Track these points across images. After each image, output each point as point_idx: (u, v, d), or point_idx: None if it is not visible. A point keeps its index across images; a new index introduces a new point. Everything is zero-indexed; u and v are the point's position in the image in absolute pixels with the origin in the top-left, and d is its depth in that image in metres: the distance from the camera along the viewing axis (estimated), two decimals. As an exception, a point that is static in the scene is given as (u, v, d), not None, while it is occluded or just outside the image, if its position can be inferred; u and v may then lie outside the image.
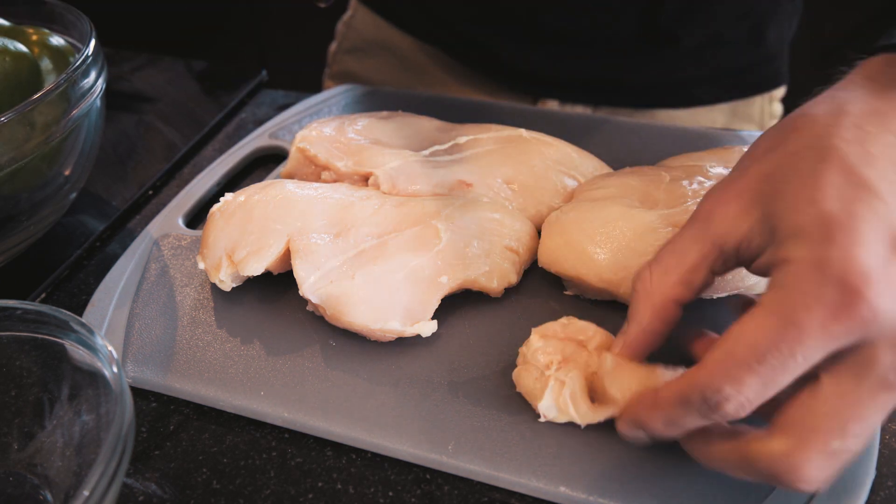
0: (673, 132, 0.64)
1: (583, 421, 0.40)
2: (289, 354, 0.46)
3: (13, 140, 0.46)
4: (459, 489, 0.40)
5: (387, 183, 0.53)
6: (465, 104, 0.70)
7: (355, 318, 0.44)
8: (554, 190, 0.54)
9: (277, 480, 0.40)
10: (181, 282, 0.51)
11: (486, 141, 0.57)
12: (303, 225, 0.48)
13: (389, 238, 0.47)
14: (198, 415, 0.44)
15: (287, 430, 0.43)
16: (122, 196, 0.64)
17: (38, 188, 0.51)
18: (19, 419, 0.40)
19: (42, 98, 0.46)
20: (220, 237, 0.49)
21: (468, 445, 0.40)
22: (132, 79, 0.81)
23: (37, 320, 0.39)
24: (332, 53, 0.89)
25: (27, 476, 0.39)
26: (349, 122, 0.60)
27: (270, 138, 0.66)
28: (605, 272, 0.46)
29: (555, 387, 0.40)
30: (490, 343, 0.46)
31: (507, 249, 0.49)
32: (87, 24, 0.55)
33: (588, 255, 0.46)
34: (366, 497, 0.39)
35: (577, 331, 0.42)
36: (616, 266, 0.45)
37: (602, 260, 0.46)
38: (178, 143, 0.70)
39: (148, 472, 0.41)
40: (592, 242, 0.46)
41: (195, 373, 0.45)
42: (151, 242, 0.55)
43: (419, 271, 0.46)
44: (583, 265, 0.46)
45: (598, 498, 0.37)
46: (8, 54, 0.51)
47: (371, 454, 0.42)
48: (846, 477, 0.37)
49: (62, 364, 0.39)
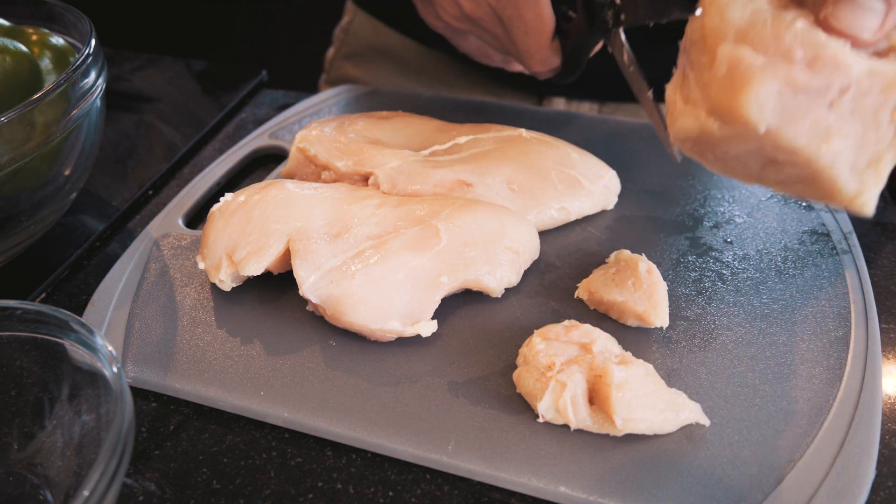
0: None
1: (581, 426, 0.40)
2: (289, 354, 0.46)
3: (13, 140, 0.46)
4: (459, 489, 0.40)
5: (387, 183, 0.53)
6: (465, 104, 0.70)
7: (355, 318, 0.44)
8: (554, 190, 0.54)
9: (277, 480, 0.40)
10: (181, 282, 0.51)
11: (486, 141, 0.57)
12: (303, 225, 0.48)
13: (389, 238, 0.47)
14: (198, 415, 0.44)
15: (287, 430, 0.43)
16: (122, 196, 0.64)
17: (38, 188, 0.51)
18: (19, 419, 0.40)
19: (42, 98, 0.46)
20: (220, 237, 0.49)
21: (468, 445, 0.40)
22: (132, 79, 0.81)
23: (37, 320, 0.39)
24: (329, 59, 0.89)
25: (27, 476, 0.38)
26: (349, 122, 0.60)
27: (270, 138, 0.66)
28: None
29: (555, 388, 0.40)
30: (490, 343, 0.46)
31: (507, 249, 0.49)
32: (87, 24, 0.55)
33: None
34: (366, 497, 0.39)
35: (579, 334, 0.42)
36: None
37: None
38: (178, 143, 0.70)
39: (148, 472, 0.41)
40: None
41: (195, 373, 0.45)
42: (151, 242, 0.55)
43: (419, 271, 0.46)
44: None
45: (598, 498, 0.37)
46: (8, 54, 0.51)
47: (371, 454, 0.42)
48: (846, 477, 0.37)
49: (62, 364, 0.39)
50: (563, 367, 0.40)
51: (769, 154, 0.34)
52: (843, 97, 0.33)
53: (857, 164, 0.34)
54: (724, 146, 0.35)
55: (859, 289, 0.48)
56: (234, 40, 2.03)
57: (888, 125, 0.33)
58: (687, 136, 0.37)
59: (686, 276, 0.51)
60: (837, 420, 0.40)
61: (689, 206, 0.57)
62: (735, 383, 0.43)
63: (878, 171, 0.34)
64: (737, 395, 0.42)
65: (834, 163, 0.33)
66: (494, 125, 0.60)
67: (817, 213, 0.55)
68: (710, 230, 0.54)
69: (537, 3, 0.51)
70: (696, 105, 0.35)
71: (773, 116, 0.32)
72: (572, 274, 0.51)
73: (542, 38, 0.52)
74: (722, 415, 0.41)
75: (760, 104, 0.32)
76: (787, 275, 0.50)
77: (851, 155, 0.33)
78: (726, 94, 0.33)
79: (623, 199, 0.57)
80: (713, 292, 0.49)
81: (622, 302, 0.46)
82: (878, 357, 0.44)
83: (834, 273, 0.50)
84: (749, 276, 0.50)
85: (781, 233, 0.54)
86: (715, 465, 0.39)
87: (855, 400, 0.41)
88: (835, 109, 0.33)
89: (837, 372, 0.43)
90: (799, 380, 0.43)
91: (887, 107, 0.33)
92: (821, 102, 0.33)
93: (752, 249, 0.52)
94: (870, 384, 0.42)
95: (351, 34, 0.86)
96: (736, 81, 0.33)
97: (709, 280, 0.50)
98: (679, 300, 0.48)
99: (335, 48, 0.88)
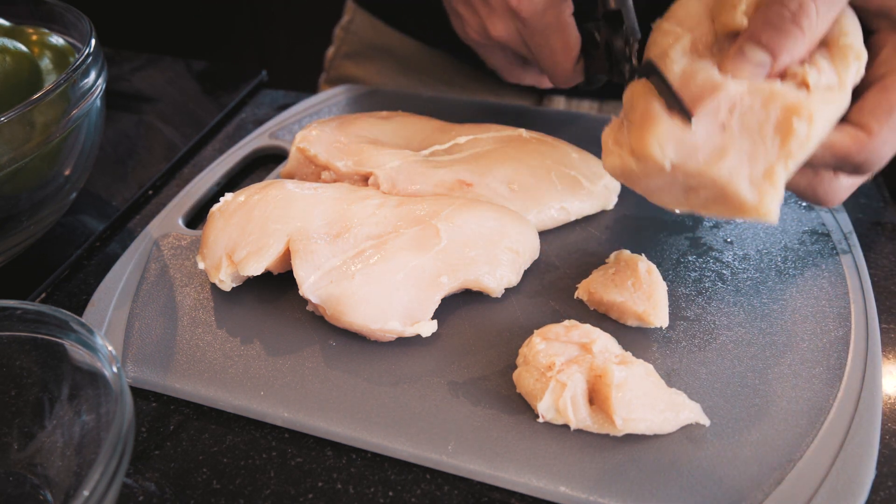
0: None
1: (581, 426, 0.40)
2: (289, 354, 0.46)
3: (13, 140, 0.46)
4: (459, 489, 0.40)
5: (387, 183, 0.53)
6: (466, 104, 0.70)
7: (355, 318, 0.44)
8: (554, 190, 0.54)
9: (277, 480, 0.40)
10: (181, 282, 0.51)
11: (486, 141, 0.57)
12: (303, 225, 0.48)
13: (389, 238, 0.47)
14: (198, 415, 0.44)
15: (287, 430, 0.43)
16: (122, 196, 0.64)
17: (38, 188, 0.51)
18: (19, 419, 0.40)
19: (42, 98, 0.46)
20: (220, 237, 0.49)
21: (468, 445, 0.40)
22: (132, 79, 0.81)
23: (37, 320, 0.39)
24: (329, 58, 0.89)
25: (27, 476, 0.38)
26: (349, 122, 0.60)
27: (270, 138, 0.66)
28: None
29: (555, 388, 0.40)
30: (490, 343, 0.46)
31: (507, 249, 0.49)
32: (87, 24, 0.55)
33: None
34: (366, 497, 0.39)
35: (579, 334, 0.42)
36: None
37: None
38: (178, 143, 0.70)
39: (148, 472, 0.41)
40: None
41: (195, 373, 0.45)
42: (151, 242, 0.55)
43: (419, 271, 0.46)
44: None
45: (598, 498, 0.37)
46: (8, 54, 0.51)
47: (371, 454, 0.42)
48: (846, 477, 0.37)
49: (62, 364, 0.39)
50: (563, 367, 0.40)
51: (685, 183, 0.39)
52: (732, 118, 0.38)
53: (754, 176, 0.38)
54: (646, 181, 0.40)
55: (859, 289, 0.48)
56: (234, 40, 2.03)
57: (773, 138, 0.37)
58: (613, 171, 0.42)
59: (686, 276, 0.51)
60: (837, 420, 0.40)
61: (689, 206, 0.57)
62: (735, 383, 0.43)
63: (773, 182, 0.38)
64: (737, 395, 0.42)
65: (731, 176, 0.38)
66: (494, 125, 0.60)
67: (817, 213, 0.55)
68: (710, 230, 0.54)
69: (564, 32, 0.51)
70: (622, 146, 0.41)
71: (674, 151, 0.38)
72: (572, 274, 0.51)
73: (568, 63, 0.53)
74: (722, 415, 0.41)
75: (661, 143, 0.38)
76: (787, 275, 0.50)
77: (747, 168, 0.38)
78: (636, 136, 0.39)
79: (623, 199, 0.57)
80: (713, 292, 0.49)
81: (622, 302, 0.46)
82: (878, 357, 0.44)
83: (834, 273, 0.50)
84: (749, 276, 0.50)
85: (781, 233, 0.54)
86: (715, 465, 0.39)
87: (855, 400, 0.41)
88: (726, 130, 0.38)
89: (837, 372, 0.43)
90: (799, 380, 0.43)
91: (769, 122, 0.37)
92: (714, 127, 0.38)
93: (752, 249, 0.52)
94: (870, 384, 0.42)
95: (351, 33, 0.86)
96: (644, 124, 0.39)
97: (709, 280, 0.50)
98: (679, 300, 0.48)
99: (335, 47, 0.88)
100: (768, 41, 0.39)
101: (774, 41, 0.38)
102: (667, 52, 0.42)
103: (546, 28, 0.51)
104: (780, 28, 0.38)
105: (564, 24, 0.51)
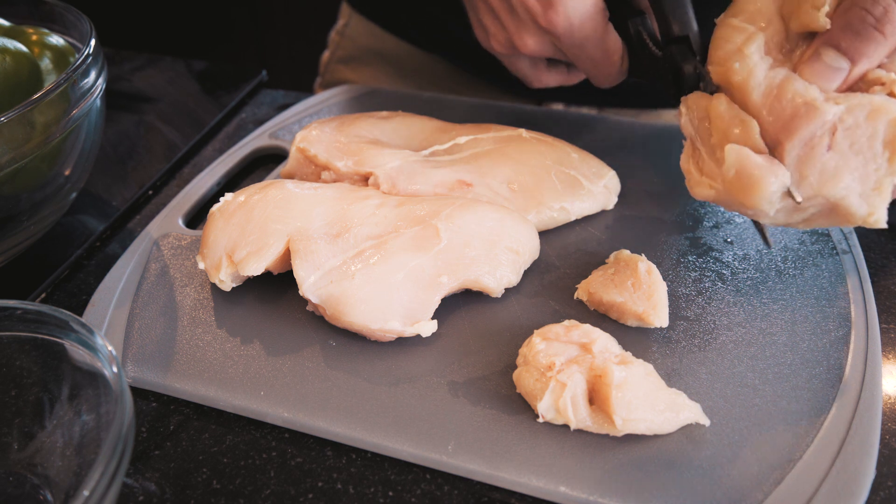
0: (677, 131, 0.64)
1: (581, 426, 0.40)
2: (289, 354, 0.46)
3: (13, 140, 0.46)
4: (459, 489, 0.40)
5: (387, 183, 0.53)
6: (465, 104, 0.70)
7: (355, 318, 0.44)
8: (554, 190, 0.54)
9: (277, 480, 0.40)
10: (181, 282, 0.51)
11: (486, 141, 0.57)
12: (303, 225, 0.48)
13: (389, 238, 0.47)
14: (198, 415, 0.44)
15: (287, 430, 0.43)
16: (122, 196, 0.64)
17: (38, 188, 0.51)
18: (19, 419, 0.40)
19: (42, 98, 0.46)
20: (220, 237, 0.49)
21: (468, 445, 0.40)
22: (132, 79, 0.81)
23: (37, 320, 0.39)
24: (324, 62, 0.89)
25: (27, 476, 0.38)
26: (349, 121, 0.60)
27: (270, 138, 0.66)
28: None
29: (555, 388, 0.40)
30: (490, 343, 0.46)
31: (507, 249, 0.49)
32: (87, 24, 0.55)
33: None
34: (366, 497, 0.39)
35: (579, 334, 0.42)
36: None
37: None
38: (178, 143, 0.70)
39: (148, 472, 0.41)
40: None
41: (195, 373, 0.45)
42: (151, 242, 0.55)
43: (419, 271, 0.46)
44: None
45: (598, 498, 0.37)
46: (8, 54, 0.51)
47: (371, 454, 0.42)
48: (846, 477, 0.37)
49: (62, 364, 0.39)
50: (563, 367, 0.40)
51: (792, 206, 0.40)
52: (836, 136, 0.38)
53: (864, 191, 0.39)
54: (745, 209, 0.41)
55: (859, 289, 0.48)
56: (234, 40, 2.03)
57: (882, 153, 0.38)
58: (706, 199, 0.43)
59: (686, 276, 0.51)
60: (837, 420, 0.40)
61: (689, 206, 0.57)
62: (735, 383, 0.43)
63: (882, 193, 0.39)
64: (737, 395, 0.42)
65: (846, 195, 0.39)
66: (494, 125, 0.60)
67: (817, 213, 0.55)
68: (710, 230, 0.54)
69: (603, 41, 0.50)
70: (712, 177, 0.41)
71: (781, 197, 0.39)
72: (572, 274, 0.51)
73: (612, 68, 0.52)
74: (722, 415, 0.41)
75: (770, 200, 0.39)
76: (787, 275, 0.50)
77: (858, 186, 0.39)
78: (738, 192, 0.40)
79: (623, 199, 0.57)
80: (713, 292, 0.49)
81: (622, 302, 0.46)
82: (878, 357, 0.44)
83: (834, 273, 0.50)
84: (749, 276, 0.50)
85: (781, 233, 0.54)
86: (715, 465, 0.39)
87: (855, 400, 0.41)
88: (834, 150, 0.38)
89: (837, 372, 0.43)
90: (799, 380, 0.43)
91: (878, 137, 0.38)
92: (819, 151, 0.38)
93: (752, 249, 0.52)
94: (870, 384, 0.42)
95: (346, 37, 0.85)
96: (745, 185, 0.39)
97: (709, 280, 0.50)
98: (679, 300, 0.48)
99: (330, 51, 0.88)
100: (848, 46, 0.38)
101: (855, 46, 0.38)
102: (742, 51, 0.41)
103: (584, 41, 0.50)
104: (861, 34, 0.38)
105: (602, 34, 0.50)
